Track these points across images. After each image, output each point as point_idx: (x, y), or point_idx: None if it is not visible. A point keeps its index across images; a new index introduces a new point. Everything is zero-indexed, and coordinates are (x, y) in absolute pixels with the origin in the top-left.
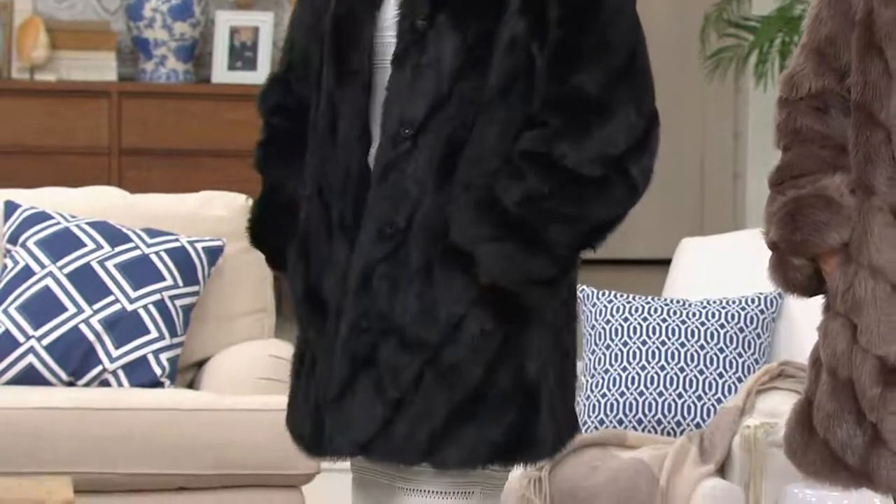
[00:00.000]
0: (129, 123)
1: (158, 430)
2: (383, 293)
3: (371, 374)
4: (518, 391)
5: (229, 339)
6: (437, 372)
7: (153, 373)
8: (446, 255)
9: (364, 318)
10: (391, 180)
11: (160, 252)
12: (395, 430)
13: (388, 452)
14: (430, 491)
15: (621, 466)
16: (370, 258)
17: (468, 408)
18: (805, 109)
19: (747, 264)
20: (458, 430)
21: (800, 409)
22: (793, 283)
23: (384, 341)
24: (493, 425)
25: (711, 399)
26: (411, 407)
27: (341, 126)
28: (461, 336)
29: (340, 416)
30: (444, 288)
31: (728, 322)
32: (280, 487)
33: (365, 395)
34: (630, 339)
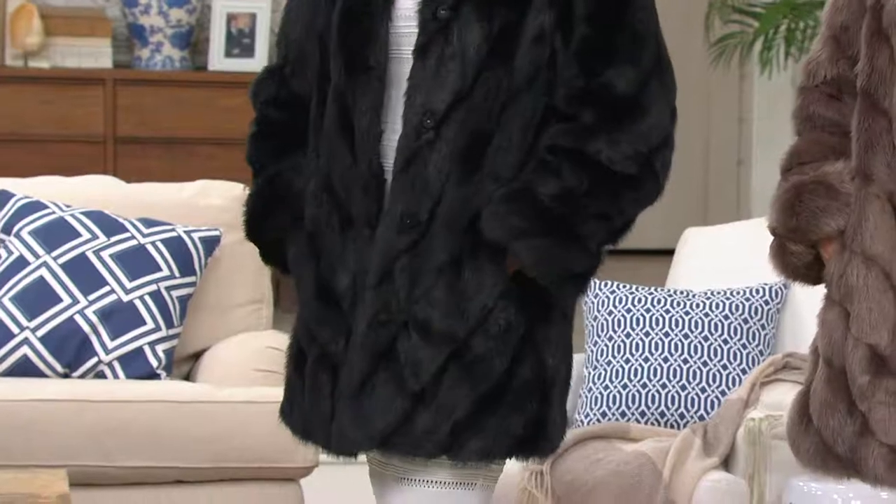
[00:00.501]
0: (124, 111)
1: (154, 422)
2: (404, 286)
3: (391, 367)
4: (537, 385)
5: (226, 331)
6: (463, 364)
7: (149, 365)
8: (476, 248)
9: (383, 311)
10: (412, 172)
11: (156, 242)
12: (416, 423)
13: (408, 446)
14: (433, 482)
15: (624, 459)
16: (391, 250)
17: (491, 400)
18: (819, 97)
19: (751, 254)
20: (481, 422)
21: (799, 399)
22: (791, 270)
23: (404, 334)
24: (514, 418)
25: (715, 391)
26: (434, 400)
27: (358, 121)
28: (488, 328)
29: (359, 410)
30: (474, 280)
31: (732, 313)
32: (278, 481)
33: (384, 389)
34: (633, 331)
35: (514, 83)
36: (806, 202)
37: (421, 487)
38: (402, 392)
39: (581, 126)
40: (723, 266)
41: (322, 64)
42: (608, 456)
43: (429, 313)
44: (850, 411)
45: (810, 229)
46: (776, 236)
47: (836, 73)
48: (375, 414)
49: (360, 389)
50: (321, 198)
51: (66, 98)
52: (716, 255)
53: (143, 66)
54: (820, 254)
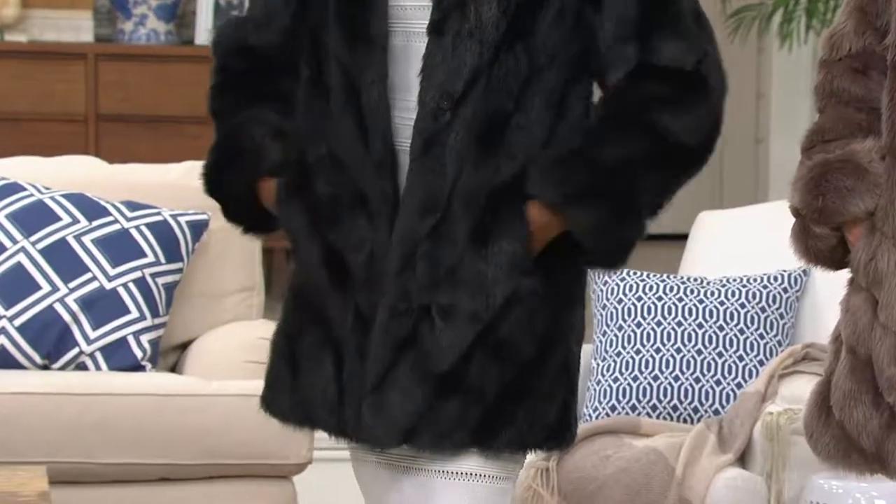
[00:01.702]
0: (106, 88)
1: (139, 417)
2: (425, 271)
3: (412, 356)
4: (564, 371)
5: (215, 320)
6: (489, 348)
7: (133, 355)
8: (498, 228)
9: (403, 299)
10: (431, 155)
11: (141, 226)
12: (443, 412)
13: (434, 435)
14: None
15: (634, 455)
16: (413, 237)
17: (521, 387)
18: (843, 70)
19: (770, 239)
20: (512, 410)
21: (819, 390)
22: (814, 254)
23: (426, 320)
24: (546, 406)
25: (731, 384)
26: (460, 384)
27: (366, 94)
28: (516, 311)
29: (381, 404)
30: (499, 262)
31: (749, 301)
32: (270, 478)
33: (407, 378)
34: (644, 320)
35: (535, 61)
36: (832, 181)
37: (441, 479)
38: (425, 380)
39: (641, 96)
40: (739, 251)
41: (314, 38)
42: (617, 452)
43: (453, 297)
44: (877, 403)
45: (836, 210)
46: (798, 218)
47: (862, 47)
48: (397, 406)
49: (383, 381)
50: (324, 168)
51: (45, 74)
52: (732, 239)
53: (127, 40)
54: (845, 237)
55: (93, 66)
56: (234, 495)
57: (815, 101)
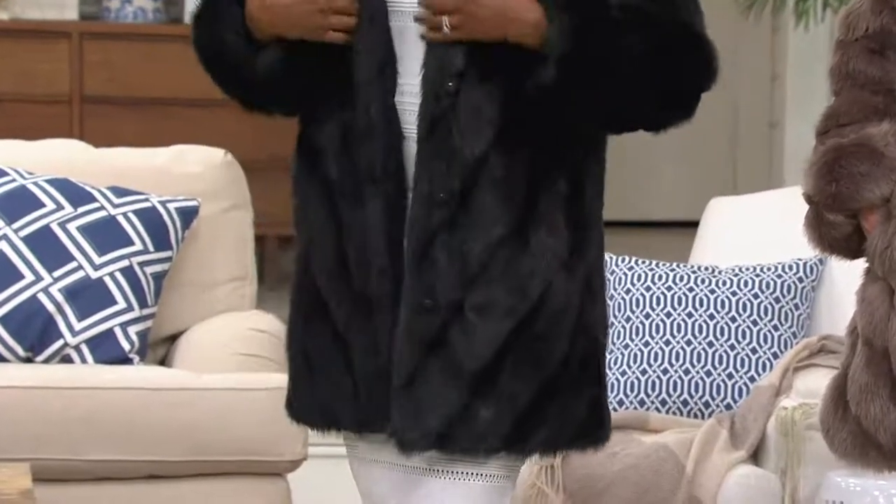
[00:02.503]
0: (92, 68)
1: (126, 411)
2: (451, 267)
3: (443, 356)
4: (593, 364)
5: (206, 311)
6: (524, 347)
7: (120, 348)
8: (535, 219)
9: (427, 295)
10: (438, 137)
11: (128, 213)
12: (478, 415)
13: (469, 441)
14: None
15: (643, 452)
16: (426, 229)
17: (551, 385)
18: (859, 51)
19: (784, 226)
20: (543, 410)
21: (835, 384)
22: (829, 242)
23: (457, 319)
24: (576, 402)
25: (744, 377)
26: (494, 387)
27: (367, 72)
28: (550, 305)
29: (411, 406)
30: (534, 254)
31: (763, 291)
32: (263, 476)
33: (438, 380)
34: (653, 311)
35: None
36: (846, 167)
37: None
38: (459, 382)
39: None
40: (752, 239)
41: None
42: (625, 448)
43: (488, 294)
44: (894, 397)
45: (851, 197)
46: (812, 205)
47: (880, 26)
48: (430, 409)
49: (411, 382)
50: (334, 145)
51: (28, 53)
52: (745, 226)
53: (113, 18)
54: (861, 224)
55: (77, 45)
56: (225, 493)
57: (830, 84)
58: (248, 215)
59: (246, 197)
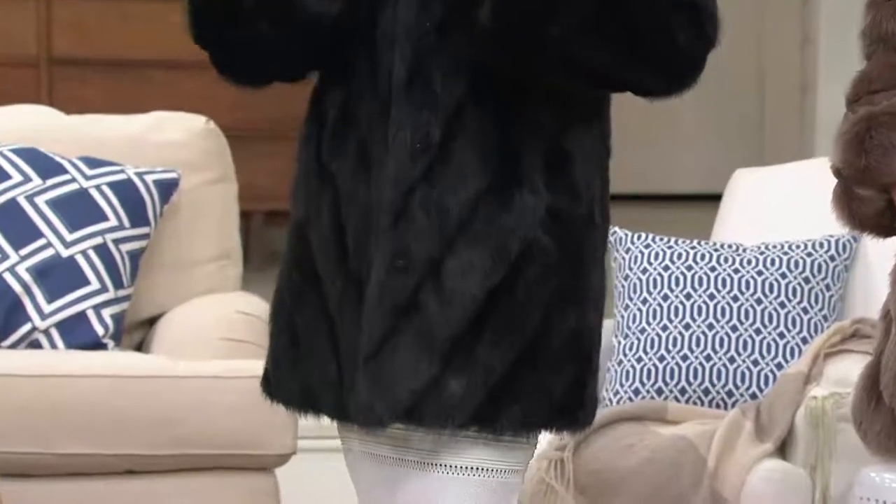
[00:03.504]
0: (61, 28)
1: (100, 401)
2: (428, 222)
3: (415, 322)
4: (575, 340)
5: (186, 292)
6: (503, 314)
7: (94, 332)
8: (518, 170)
9: (401, 255)
10: (417, 85)
11: (102, 186)
12: (448, 386)
13: (440, 415)
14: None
15: (661, 445)
16: (404, 181)
17: (529, 357)
18: (893, 12)
19: (816, 200)
20: (518, 384)
21: (868, 373)
22: (858, 219)
23: (431, 281)
24: (554, 379)
25: (770, 364)
26: (469, 357)
27: (383, 21)
28: (529, 270)
29: (379, 376)
30: (517, 212)
31: (791, 271)
32: (249, 471)
33: (409, 349)
34: (671, 292)
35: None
36: (877, 137)
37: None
38: (431, 351)
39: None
40: (781, 214)
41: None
42: (642, 441)
43: (465, 253)
44: None
45: (882, 170)
46: (840, 178)
47: None
48: (399, 380)
49: (379, 350)
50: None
51: None
52: (772, 200)
53: None
54: (893, 199)
55: (45, 4)
56: (208, 490)
57: (861, 47)
58: (232, 188)
59: (230, 168)
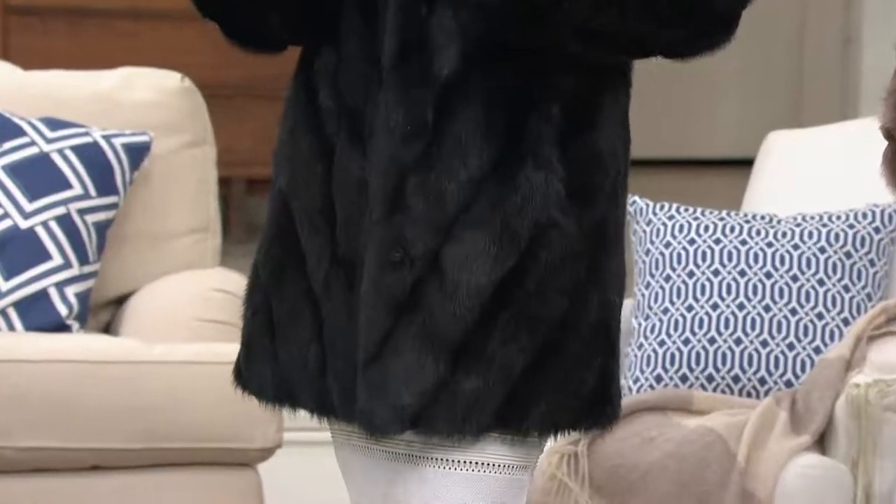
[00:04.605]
0: None
1: (64, 389)
2: (425, 210)
3: (417, 319)
4: (602, 329)
5: (159, 268)
6: (516, 306)
7: (56, 312)
8: (522, 151)
9: (395, 246)
10: (412, 61)
11: (65, 150)
12: (461, 390)
13: (455, 419)
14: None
15: (686, 438)
16: (397, 167)
17: (551, 351)
18: None
19: (858, 166)
20: (541, 381)
21: None
22: None
23: (432, 274)
24: (581, 374)
25: (807, 348)
26: (482, 357)
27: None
28: (544, 256)
29: (381, 381)
30: (525, 191)
31: (831, 244)
32: (229, 466)
33: (412, 348)
34: (697, 268)
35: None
36: None
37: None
38: (437, 350)
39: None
40: (819, 182)
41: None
42: (664, 433)
43: (468, 240)
44: None
45: None
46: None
47: None
48: (403, 384)
49: (380, 353)
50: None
51: None
52: (810, 166)
53: None
54: None
55: None
56: (183, 487)
57: None
58: (210, 152)
59: (208, 130)
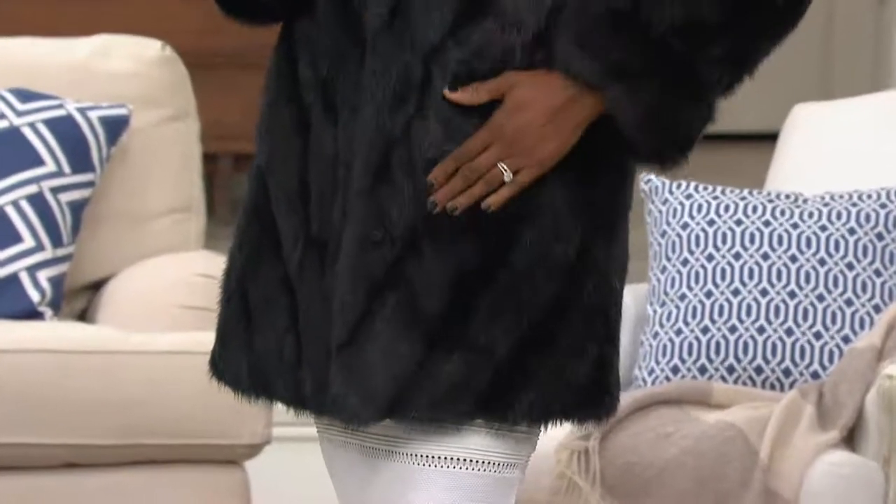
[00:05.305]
0: None
1: (36, 381)
2: (406, 186)
3: (394, 299)
4: (599, 315)
5: (139, 251)
6: (502, 284)
7: (27, 298)
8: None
9: (376, 224)
10: (398, 27)
11: (37, 123)
12: (440, 373)
13: (434, 404)
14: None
15: (705, 433)
16: (384, 138)
17: (541, 336)
18: None
19: (892, 141)
20: (529, 367)
21: None
22: None
23: (412, 253)
24: (575, 362)
25: (836, 337)
26: (462, 339)
27: None
28: (528, 234)
29: (355, 365)
30: None
31: (861, 225)
32: (215, 464)
33: (388, 331)
34: (717, 251)
35: None
36: None
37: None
38: (414, 330)
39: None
40: (849, 158)
41: None
42: (682, 429)
43: (450, 217)
44: None
45: None
46: None
47: None
48: (378, 368)
49: (354, 336)
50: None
51: None
52: (839, 141)
53: None
54: None
55: None
56: (165, 486)
57: None
58: (193, 127)
59: (190, 103)
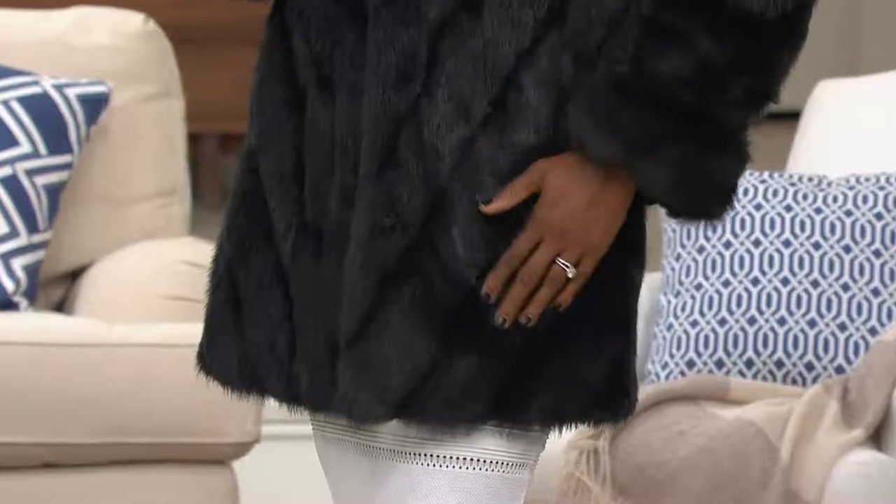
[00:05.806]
0: None
1: (11, 376)
2: (416, 168)
3: (407, 292)
4: (616, 309)
5: (120, 237)
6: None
7: (1, 288)
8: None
9: (388, 210)
10: (401, 3)
11: (10, 101)
12: (454, 372)
13: (442, 408)
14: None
15: (722, 431)
16: (390, 117)
17: (557, 334)
18: None
19: None
20: (543, 367)
21: None
22: None
23: (425, 239)
24: (590, 361)
25: (861, 329)
26: (476, 334)
27: None
28: None
29: (366, 361)
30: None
31: (889, 210)
32: (201, 464)
33: (401, 324)
34: (735, 238)
35: None
36: None
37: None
38: (428, 326)
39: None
40: (876, 138)
41: None
42: (697, 426)
43: (466, 204)
44: None
45: None
46: None
47: None
48: (391, 363)
49: (365, 330)
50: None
51: None
52: (866, 120)
53: None
54: None
55: None
56: (149, 487)
57: None
58: (177, 105)
59: (175, 80)
